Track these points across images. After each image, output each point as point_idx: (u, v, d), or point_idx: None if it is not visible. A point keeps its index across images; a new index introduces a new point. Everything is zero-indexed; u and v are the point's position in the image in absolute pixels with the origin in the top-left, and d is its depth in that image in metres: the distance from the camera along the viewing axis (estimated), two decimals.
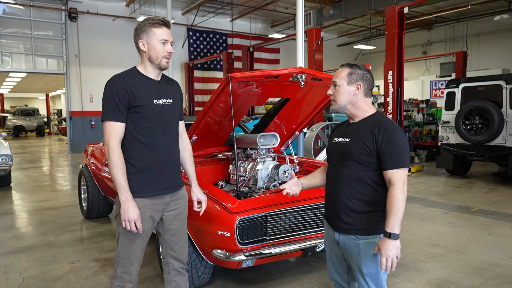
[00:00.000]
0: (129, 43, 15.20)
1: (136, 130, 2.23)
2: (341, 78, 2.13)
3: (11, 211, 6.22)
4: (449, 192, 7.27)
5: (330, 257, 2.28)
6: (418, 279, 3.55)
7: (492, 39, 16.35)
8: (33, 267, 3.91)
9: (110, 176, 2.21)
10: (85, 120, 14.96)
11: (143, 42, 2.25)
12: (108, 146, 2.17)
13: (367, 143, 2.01)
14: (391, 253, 1.89)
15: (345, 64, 2.17)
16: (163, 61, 2.26)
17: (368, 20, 16.90)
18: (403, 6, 8.98)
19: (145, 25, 2.23)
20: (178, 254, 2.47)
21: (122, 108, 2.18)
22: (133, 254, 2.29)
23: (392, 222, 1.91)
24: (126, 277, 2.30)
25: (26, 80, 22.23)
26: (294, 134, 4.26)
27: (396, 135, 2.00)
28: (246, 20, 17.67)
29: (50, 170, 10.87)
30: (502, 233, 4.82)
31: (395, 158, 1.97)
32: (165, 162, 2.32)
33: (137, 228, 2.18)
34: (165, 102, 2.31)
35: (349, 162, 2.06)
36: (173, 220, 2.42)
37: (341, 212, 2.09)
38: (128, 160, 2.23)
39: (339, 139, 2.17)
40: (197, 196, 2.53)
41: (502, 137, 7.68)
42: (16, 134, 24.44)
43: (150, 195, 2.27)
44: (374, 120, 2.09)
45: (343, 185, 2.08)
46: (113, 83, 2.20)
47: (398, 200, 1.92)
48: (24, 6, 13.85)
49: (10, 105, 35.53)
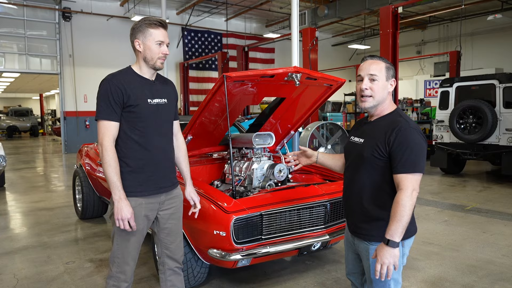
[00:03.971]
0: (123, 43, 15.24)
1: (130, 129, 2.24)
2: (380, 71, 1.91)
3: (5, 212, 6.18)
4: (443, 190, 7.32)
5: (347, 256, 2.22)
6: (413, 277, 3.57)
7: (486, 38, 16.46)
8: (27, 268, 3.88)
9: (104, 175, 2.21)
10: (79, 120, 14.88)
11: (139, 42, 2.25)
12: (101, 145, 2.17)
13: (380, 145, 1.86)
14: (386, 261, 1.77)
15: (376, 56, 1.97)
16: (158, 62, 2.26)
17: (362, 20, 16.96)
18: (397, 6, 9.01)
19: (142, 25, 2.23)
20: (174, 253, 2.47)
21: (116, 107, 2.18)
22: (128, 254, 2.29)
23: (394, 228, 1.77)
24: (121, 277, 2.29)
25: (19, 80, 22.08)
26: (289, 133, 4.27)
27: (411, 136, 1.82)
28: (241, 20, 17.66)
29: (44, 170, 10.80)
30: (496, 231, 4.86)
31: (406, 161, 1.80)
32: (160, 162, 2.32)
33: (131, 226, 2.18)
34: (159, 101, 2.31)
35: (363, 165, 1.93)
36: (168, 219, 2.42)
37: (355, 216, 2.02)
38: (123, 159, 2.24)
39: (355, 139, 2.04)
40: (191, 195, 2.53)
41: (495, 136, 7.74)
42: (10, 134, 24.25)
43: (145, 194, 2.28)
44: (390, 119, 1.93)
45: (360, 188, 1.97)
46: (107, 82, 2.20)
47: (404, 206, 1.76)
48: (17, 6, 13.74)
49: (3, 105, 35.23)
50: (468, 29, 16.28)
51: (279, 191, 3.24)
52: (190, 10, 15.71)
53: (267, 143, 3.83)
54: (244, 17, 17.37)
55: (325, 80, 3.53)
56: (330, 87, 3.68)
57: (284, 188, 3.38)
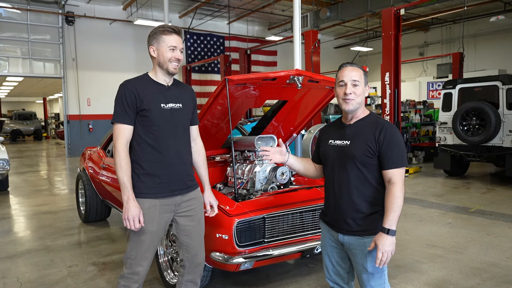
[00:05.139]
0: (126, 46, 15.34)
1: (145, 133, 2.32)
2: (360, 77, 2.11)
3: (9, 215, 6.20)
4: (447, 193, 7.29)
5: (329, 260, 2.27)
6: (417, 280, 3.55)
7: (488, 40, 16.43)
8: (31, 271, 3.89)
9: (116, 176, 2.29)
10: (82, 123, 14.93)
11: (153, 49, 2.35)
12: (115, 147, 2.27)
13: (370, 144, 2.03)
14: (388, 248, 1.94)
15: (354, 64, 2.15)
16: (171, 66, 2.33)
17: (364, 22, 16.96)
18: (399, 7, 9.02)
19: (157, 32, 2.34)
20: (194, 256, 2.50)
21: (130, 112, 2.28)
22: (141, 255, 2.33)
23: (391, 218, 1.95)
24: (133, 278, 2.35)
25: (23, 84, 22.19)
26: (291, 136, 4.27)
27: (396, 135, 2.04)
28: (243, 23, 17.70)
29: (48, 174, 10.84)
30: (500, 233, 4.83)
31: (396, 157, 2.01)
32: (174, 165, 2.37)
33: (140, 224, 2.24)
34: (173, 106, 2.37)
35: (353, 165, 2.06)
36: (187, 221, 2.46)
37: (347, 214, 2.10)
38: (138, 161, 2.32)
39: (336, 142, 2.16)
40: (209, 199, 2.60)
41: (499, 138, 7.71)
42: (14, 138, 24.37)
43: (159, 196, 2.33)
44: (372, 120, 2.12)
45: (349, 188, 2.09)
46: (122, 88, 2.31)
47: (398, 198, 1.97)
48: (21, 10, 13.84)
49: (7, 109, 35.41)
50: (470, 30, 16.26)
51: (282, 194, 3.24)
52: (192, 13, 15.77)
53: (269, 146, 3.82)
54: (246, 20, 17.41)
55: (327, 83, 3.53)
56: (332, 90, 3.68)
57: (287, 191, 3.38)
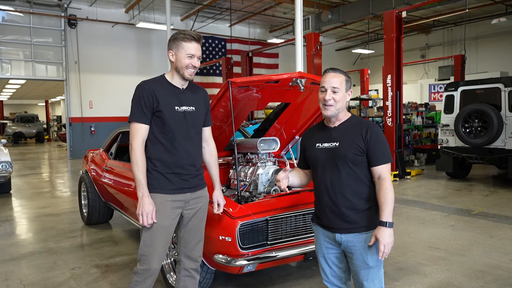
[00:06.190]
0: (128, 49, 15.38)
1: (159, 133, 2.41)
2: (341, 84, 2.18)
3: (11, 218, 6.21)
4: (450, 195, 7.27)
5: (326, 262, 2.31)
6: (420, 282, 3.54)
7: (490, 42, 16.42)
8: (33, 274, 3.89)
9: (132, 172, 2.38)
10: (84, 126, 14.97)
11: (172, 53, 2.42)
12: (131, 146, 2.36)
13: (359, 144, 2.13)
14: (388, 240, 2.04)
15: (337, 70, 2.23)
16: (187, 72, 2.41)
17: (366, 25, 16.97)
18: (401, 10, 9.03)
19: (177, 38, 2.40)
20: (191, 252, 2.57)
21: (146, 111, 2.36)
22: (154, 250, 2.40)
23: (387, 212, 2.06)
24: (146, 273, 2.41)
25: (25, 86, 22.25)
26: (294, 138, 4.27)
27: (380, 133, 2.17)
28: (245, 26, 17.73)
29: (50, 176, 10.86)
30: (503, 235, 4.82)
31: (383, 154, 2.13)
32: (184, 165, 2.45)
33: (153, 219, 2.33)
34: (187, 109, 2.45)
35: (345, 164, 2.15)
36: (191, 218, 2.54)
37: (344, 213, 2.16)
38: (151, 160, 2.41)
39: (324, 144, 2.22)
40: (217, 198, 2.68)
41: (501, 140, 7.69)
42: (16, 140, 24.41)
43: (170, 192, 2.42)
44: (356, 122, 2.23)
45: (342, 187, 2.16)
46: (140, 88, 2.39)
47: (390, 191, 2.08)
48: (23, 13, 13.90)
49: (9, 111, 35.54)
50: (472, 32, 16.25)
51: (284, 196, 3.23)
52: (194, 16, 15.81)
53: (272, 148, 3.82)
54: (248, 23, 17.44)
55: None
56: None
57: (290, 193, 3.38)
